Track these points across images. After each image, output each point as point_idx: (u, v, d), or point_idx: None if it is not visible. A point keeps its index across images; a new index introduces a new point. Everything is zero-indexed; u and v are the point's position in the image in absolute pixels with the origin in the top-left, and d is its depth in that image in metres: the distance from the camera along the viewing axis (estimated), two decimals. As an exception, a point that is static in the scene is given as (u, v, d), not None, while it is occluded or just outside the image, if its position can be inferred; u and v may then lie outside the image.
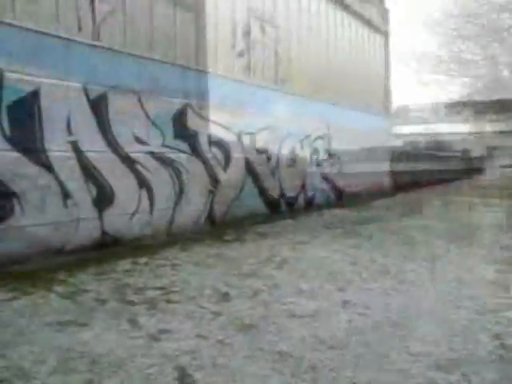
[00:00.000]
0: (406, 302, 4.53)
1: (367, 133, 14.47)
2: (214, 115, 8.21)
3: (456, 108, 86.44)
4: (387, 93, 16.64)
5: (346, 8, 13.27)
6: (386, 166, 16.29)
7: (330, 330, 3.79)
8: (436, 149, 41.43)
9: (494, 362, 3.18)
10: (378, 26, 15.42)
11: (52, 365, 3.02)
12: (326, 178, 12.30)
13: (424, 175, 20.56)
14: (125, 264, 5.59)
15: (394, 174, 17.00)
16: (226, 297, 4.59)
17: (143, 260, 5.80)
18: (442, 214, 11.30)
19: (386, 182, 16.32)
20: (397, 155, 18.68)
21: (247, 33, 9.19)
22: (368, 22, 14.72)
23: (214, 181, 8.27)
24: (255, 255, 6.38)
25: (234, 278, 5.22)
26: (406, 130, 51.35)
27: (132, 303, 4.27)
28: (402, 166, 18.37)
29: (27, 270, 5.14)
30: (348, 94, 13.25)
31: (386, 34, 16.14)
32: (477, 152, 45.75)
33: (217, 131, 8.31)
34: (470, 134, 62.73)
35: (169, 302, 4.37)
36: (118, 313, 4.00)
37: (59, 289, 4.57)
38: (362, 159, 13.96)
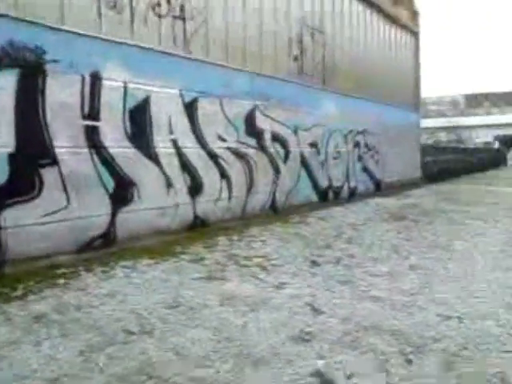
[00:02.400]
0: (458, 266, 5.63)
1: (401, 127, 15.51)
2: (275, 114, 9.34)
3: (476, 100, 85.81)
4: (417, 89, 17.62)
5: (381, 11, 14.27)
6: (417, 158, 17.28)
7: (406, 283, 4.90)
8: (458, 142, 41.96)
9: None
10: (409, 27, 16.38)
11: (217, 302, 4.18)
12: (366, 169, 13.38)
13: (449, 167, 21.42)
14: (223, 240, 6.76)
15: (423, 165, 17.94)
16: (315, 262, 5.71)
17: (235, 237, 6.97)
18: (473, 200, 12.23)
19: (418, 173, 17.31)
20: (425, 148, 19.61)
21: (300, 40, 10.29)
22: (400, 24, 15.69)
23: (276, 172, 9.41)
24: (323, 233, 7.51)
25: (315, 250, 6.35)
26: (425, 123, 51.71)
27: (247, 266, 5.43)
28: (429, 159, 19.29)
29: (146, 245, 6.32)
30: (384, 91, 14.27)
31: (416, 35, 17.10)
32: (497, 144, 46.03)
33: (278, 128, 9.44)
34: (491, 126, 62.74)
35: (273, 265, 5.51)
36: (241, 272, 5.16)
37: (185, 257, 5.75)
38: (397, 152, 14.97)
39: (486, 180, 20.32)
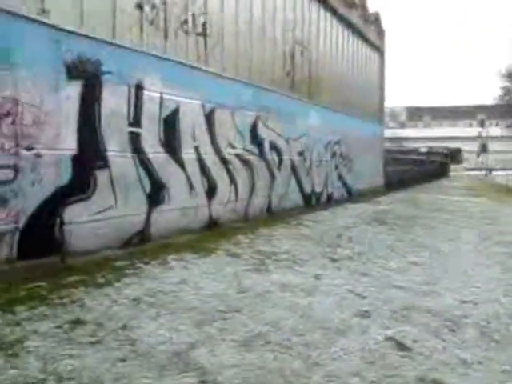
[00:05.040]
0: (450, 263, 6.63)
1: (369, 137, 16.76)
2: (272, 124, 10.15)
3: (416, 113, 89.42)
4: (382, 102, 18.97)
5: (355, 30, 15.44)
6: (381, 167, 18.59)
7: (416, 276, 5.81)
8: (403, 153, 44.13)
9: None
10: (376, 45, 17.70)
11: (276, 288, 4.92)
12: (340, 177, 14.43)
13: (406, 177, 22.96)
14: (242, 238, 7.48)
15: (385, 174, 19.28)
16: (333, 259, 6.54)
17: (251, 236, 7.70)
18: (435, 207, 13.53)
19: (381, 181, 18.61)
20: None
21: (292, 56, 11.17)
22: (369, 43, 16.96)
23: (272, 178, 10.22)
24: (325, 234, 8.37)
25: (326, 248, 7.19)
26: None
27: (278, 260, 6.19)
28: (389, 168, 20.70)
29: (178, 242, 6.94)
30: (355, 104, 15.44)
31: (382, 52, 18.45)
32: (439, 156, 48.68)
33: (274, 137, 10.26)
34: (431, 138, 66.21)
35: (300, 260, 6.29)
36: (278, 265, 5.91)
37: (221, 252, 6.44)
38: (365, 161, 16.16)
39: (438, 189, 22.03)
